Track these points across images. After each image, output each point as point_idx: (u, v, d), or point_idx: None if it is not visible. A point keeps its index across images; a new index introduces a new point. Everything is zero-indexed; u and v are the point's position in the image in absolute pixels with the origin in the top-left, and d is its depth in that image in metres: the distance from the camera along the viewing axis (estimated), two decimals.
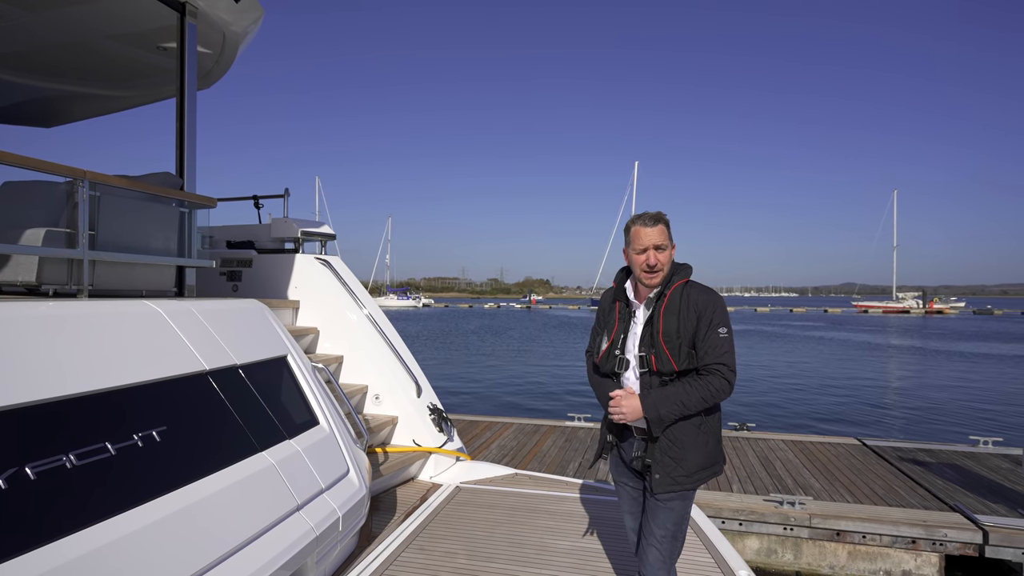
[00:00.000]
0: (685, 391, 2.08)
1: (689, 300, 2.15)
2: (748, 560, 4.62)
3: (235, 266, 4.97)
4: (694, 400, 2.08)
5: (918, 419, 11.50)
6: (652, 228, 2.19)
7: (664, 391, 2.10)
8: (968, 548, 4.31)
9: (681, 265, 2.27)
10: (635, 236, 2.21)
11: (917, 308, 68.72)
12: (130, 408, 2.05)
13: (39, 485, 1.65)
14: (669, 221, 2.26)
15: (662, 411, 2.08)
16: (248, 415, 2.53)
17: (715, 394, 2.08)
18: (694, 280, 2.25)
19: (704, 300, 2.15)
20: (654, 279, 2.19)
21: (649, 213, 2.23)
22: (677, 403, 2.08)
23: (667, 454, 2.14)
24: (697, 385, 2.09)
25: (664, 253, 2.19)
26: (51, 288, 2.69)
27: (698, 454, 2.15)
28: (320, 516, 2.52)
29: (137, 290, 3.15)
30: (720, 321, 2.12)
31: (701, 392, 2.08)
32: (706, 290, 2.21)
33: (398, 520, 3.55)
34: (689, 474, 2.13)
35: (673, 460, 2.13)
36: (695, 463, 2.14)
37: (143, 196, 3.20)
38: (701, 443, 2.15)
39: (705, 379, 2.08)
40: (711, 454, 2.19)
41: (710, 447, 2.18)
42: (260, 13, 3.88)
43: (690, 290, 2.18)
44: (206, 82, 4.48)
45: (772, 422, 10.75)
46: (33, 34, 3.88)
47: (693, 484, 2.15)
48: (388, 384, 4.60)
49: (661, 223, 2.21)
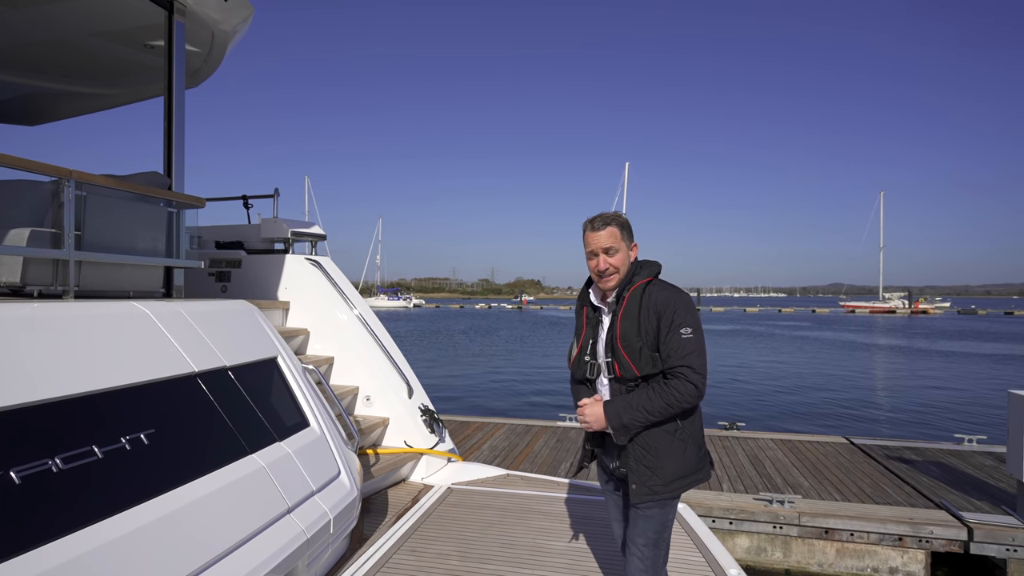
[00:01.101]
0: (648, 398, 1.97)
1: (649, 301, 2.05)
2: (738, 559, 4.65)
3: (224, 267, 4.93)
4: (658, 407, 1.96)
5: (904, 417, 11.65)
6: (600, 232, 2.10)
7: (627, 398, 2.01)
8: (953, 545, 4.36)
9: (645, 263, 2.16)
10: (585, 241, 2.13)
11: (903, 308, 69.62)
12: (117, 411, 2.02)
13: (24, 489, 1.62)
14: (626, 223, 2.15)
15: (625, 419, 1.99)
16: (238, 417, 2.51)
17: (680, 399, 1.96)
18: (661, 279, 2.14)
19: (664, 299, 2.03)
20: (607, 283, 2.12)
21: (601, 215, 2.14)
22: (640, 410, 1.97)
23: (642, 463, 2.04)
24: (661, 390, 1.97)
25: (616, 256, 2.10)
26: (36, 289, 2.65)
27: (675, 462, 2.03)
28: (311, 518, 2.51)
29: (124, 291, 3.11)
30: (683, 321, 1.99)
31: (664, 398, 1.96)
32: (668, 288, 2.09)
33: (390, 522, 3.53)
34: (666, 483, 2.03)
35: (648, 469, 2.03)
36: (672, 471, 2.03)
37: (130, 196, 3.16)
38: (678, 450, 2.04)
39: (669, 384, 1.97)
40: (690, 461, 2.07)
41: (689, 454, 2.06)
42: (250, 11, 3.85)
43: (652, 289, 2.07)
44: (194, 81, 4.44)
45: (761, 421, 10.84)
46: (16, 31, 3.82)
47: (672, 493, 2.04)
48: (379, 385, 4.58)
49: (611, 225, 2.11)
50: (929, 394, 14.32)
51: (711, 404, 12.51)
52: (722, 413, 11.07)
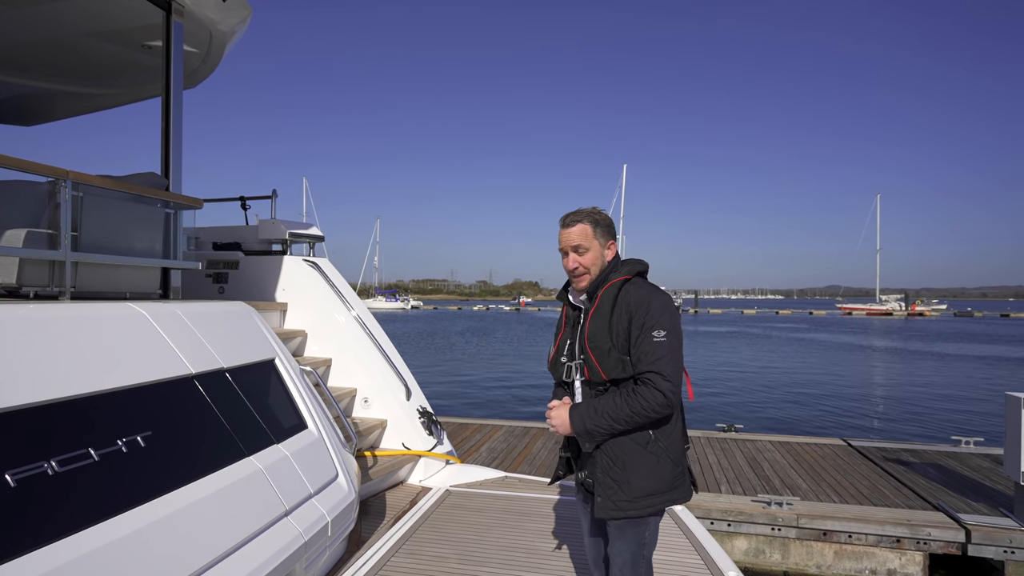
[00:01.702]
0: (615, 404, 1.83)
1: (623, 300, 1.90)
2: (736, 560, 4.65)
3: (221, 268, 4.91)
4: (623, 415, 1.81)
5: (902, 420, 11.67)
6: (570, 228, 1.99)
7: (594, 403, 1.88)
8: (951, 547, 4.37)
9: (628, 261, 2.03)
10: (558, 237, 2.02)
11: (900, 310, 69.84)
12: (114, 413, 2.01)
13: (19, 492, 1.61)
14: (602, 220, 2.01)
15: (588, 425, 1.86)
16: (235, 419, 2.49)
17: (646, 408, 1.79)
18: (641, 279, 1.99)
19: (638, 298, 1.88)
20: (580, 283, 2.01)
21: (575, 211, 2.02)
22: (605, 416, 1.83)
23: (608, 475, 1.89)
24: (627, 397, 1.82)
25: (587, 255, 1.98)
26: (32, 290, 2.64)
27: (644, 477, 1.86)
28: (309, 521, 2.49)
29: (121, 292, 3.10)
30: (656, 323, 1.83)
31: (631, 405, 1.80)
32: (645, 287, 1.94)
33: (388, 524, 3.52)
34: (632, 499, 1.86)
35: (614, 482, 1.87)
36: (640, 488, 1.86)
37: (127, 197, 3.15)
38: (648, 464, 1.86)
39: (636, 391, 1.81)
40: (663, 478, 1.88)
41: (662, 470, 1.88)
42: (248, 12, 3.84)
43: (629, 288, 1.93)
44: (192, 81, 4.43)
45: (759, 423, 10.84)
46: (14, 31, 3.80)
47: (639, 511, 1.86)
48: (377, 387, 4.57)
49: (583, 222, 1.99)
50: (926, 396, 14.35)
51: (709, 406, 12.52)
52: (720, 415, 11.07)
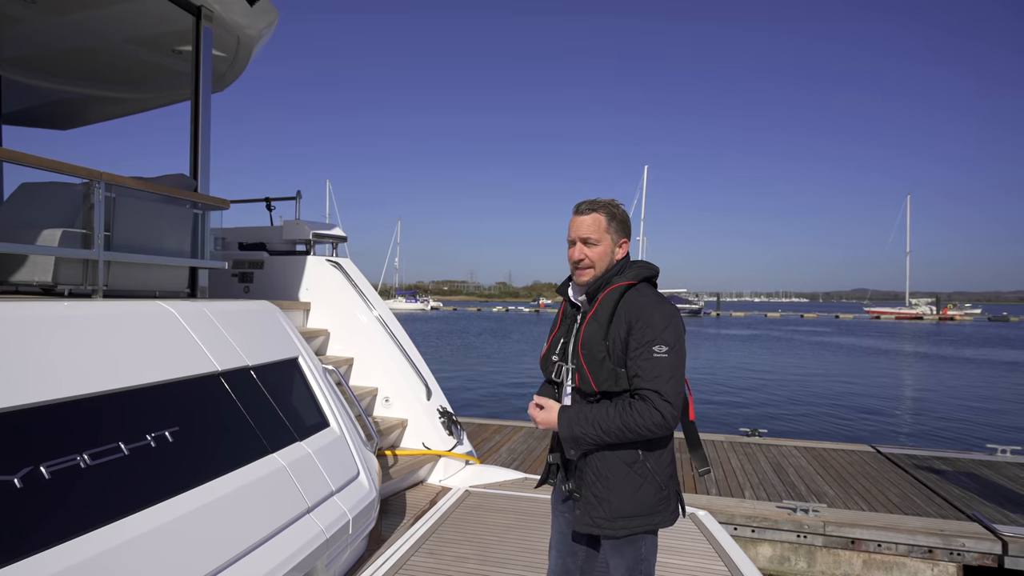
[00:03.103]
0: (606, 414, 1.71)
1: (624, 307, 1.76)
2: (761, 567, 4.56)
3: (247, 267, 5.00)
4: (614, 427, 1.69)
5: (933, 426, 11.33)
6: (583, 216, 1.85)
7: (585, 409, 1.76)
8: (987, 558, 4.22)
9: (637, 263, 1.87)
10: (569, 225, 1.88)
11: (930, 314, 67.90)
12: (143, 408, 2.05)
13: (53, 484, 1.65)
14: (619, 214, 1.87)
15: (576, 430, 1.74)
16: (259, 417, 2.53)
17: (640, 426, 1.66)
18: (648, 286, 1.85)
19: (640, 307, 1.73)
20: (581, 277, 1.86)
21: (592, 199, 1.88)
22: (594, 425, 1.71)
23: (590, 489, 1.79)
24: (621, 410, 1.69)
25: (596, 248, 1.83)
26: (66, 288, 2.72)
27: (624, 499, 1.75)
28: (331, 519, 2.51)
29: (150, 291, 3.17)
30: (658, 337, 1.68)
31: (624, 419, 1.68)
32: (650, 296, 1.78)
33: (407, 523, 3.53)
34: (611, 518, 1.76)
35: (595, 497, 1.78)
36: (620, 508, 1.76)
37: (158, 197, 3.22)
38: (631, 486, 1.75)
39: (632, 405, 1.69)
40: (644, 502, 1.76)
41: (644, 494, 1.76)
42: (275, 16, 3.91)
43: (632, 294, 1.78)
44: (220, 85, 4.52)
45: (784, 428, 10.63)
46: (51, 38, 3.93)
47: (615, 532, 1.76)
48: (398, 386, 4.60)
49: (597, 211, 1.84)
50: (958, 403, 13.91)
51: (732, 410, 12.33)
52: (743, 419, 10.89)
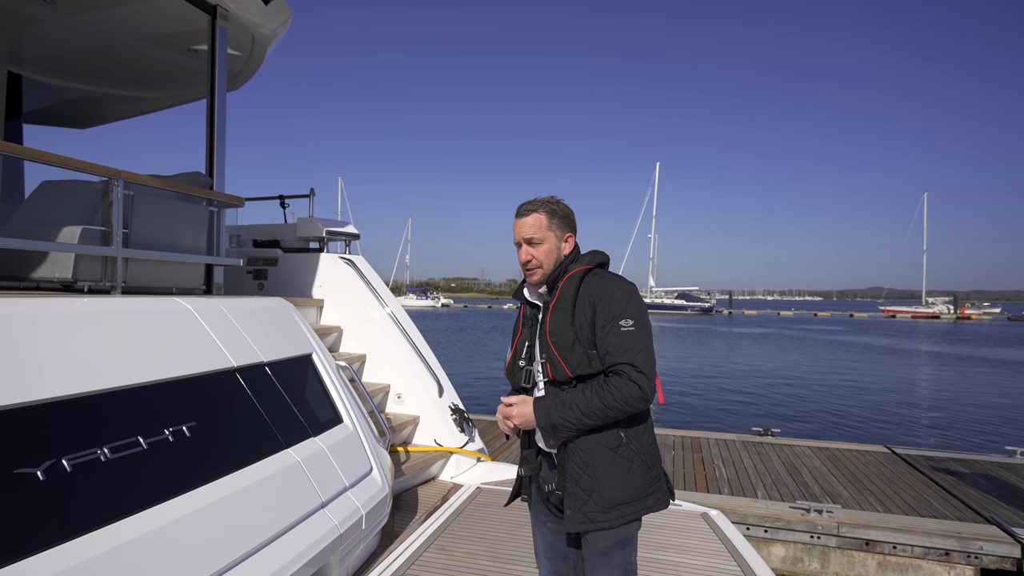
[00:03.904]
0: (584, 396, 1.69)
1: (586, 290, 1.77)
2: (774, 568, 4.53)
3: (261, 265, 5.04)
4: (595, 407, 1.67)
5: (950, 427, 11.17)
6: (524, 218, 1.84)
7: (561, 395, 1.73)
8: (1005, 562, 4.15)
9: (589, 253, 1.89)
10: (513, 229, 1.87)
11: (948, 313, 66.85)
12: (161, 403, 2.08)
13: (74, 477, 1.68)
14: (560, 210, 1.86)
15: (554, 418, 1.70)
16: (274, 412, 2.55)
17: (619, 401, 1.65)
18: (603, 270, 1.86)
19: (600, 287, 1.75)
20: (532, 277, 1.86)
21: (531, 200, 1.87)
22: (573, 408, 1.68)
23: (578, 484, 1.73)
24: (598, 389, 1.68)
25: (541, 247, 1.82)
26: (86, 285, 2.76)
27: (616, 485, 1.72)
28: (344, 514, 2.54)
29: (167, 287, 3.21)
30: (622, 312, 1.70)
31: (602, 397, 1.66)
32: (608, 277, 1.81)
33: (419, 520, 3.55)
34: (605, 509, 1.71)
35: (584, 492, 1.72)
36: (613, 496, 1.71)
37: (174, 195, 3.26)
38: (619, 470, 1.72)
39: (608, 382, 1.68)
40: (636, 485, 1.74)
41: (634, 476, 1.74)
42: (288, 15, 3.93)
43: (590, 278, 1.80)
44: (235, 83, 4.56)
45: (797, 428, 10.54)
46: (70, 38, 3.99)
47: (611, 523, 1.71)
48: (410, 383, 4.62)
49: (537, 212, 1.84)
50: (976, 403, 13.69)
51: (743, 410, 12.24)
52: (755, 419, 10.81)
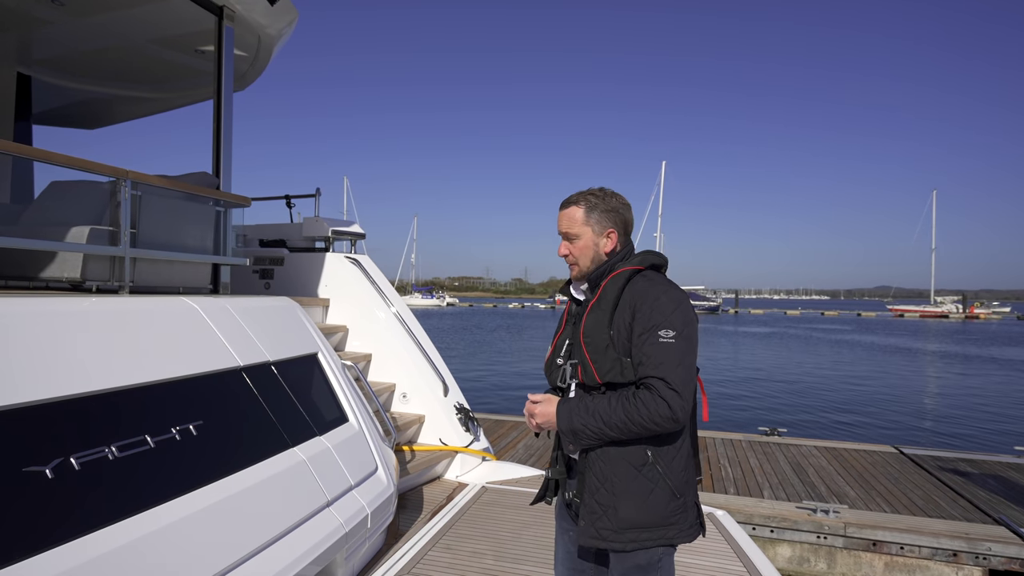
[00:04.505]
0: (608, 404, 1.56)
1: (628, 292, 1.63)
2: (780, 568, 4.51)
3: (268, 264, 5.07)
4: (617, 419, 1.54)
5: (958, 427, 11.08)
6: (564, 210, 1.76)
7: (586, 400, 1.62)
8: (1014, 563, 4.12)
9: (642, 252, 1.75)
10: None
11: (956, 313, 66.33)
12: (168, 402, 2.10)
13: (83, 476, 1.70)
14: (600, 204, 1.73)
15: (576, 422, 1.59)
16: (280, 411, 2.57)
17: (645, 417, 1.51)
18: (655, 272, 1.70)
19: (645, 290, 1.60)
20: (571, 272, 1.79)
21: (576, 192, 1.78)
22: (595, 416, 1.57)
23: (594, 496, 1.62)
24: (624, 399, 1.55)
25: (577, 243, 1.74)
26: (94, 284, 2.78)
27: (633, 506, 1.58)
28: (349, 512, 2.55)
29: (174, 287, 3.23)
30: (664, 320, 1.55)
31: (626, 410, 1.53)
32: (657, 280, 1.65)
33: (425, 519, 3.56)
34: (618, 530, 1.58)
35: (600, 506, 1.61)
36: (628, 517, 1.58)
37: (181, 195, 3.28)
38: (640, 492, 1.58)
39: (636, 394, 1.54)
40: (656, 511, 1.58)
41: (656, 501, 1.58)
42: (294, 16, 3.94)
43: (638, 279, 1.65)
44: (242, 84, 4.58)
45: (804, 427, 10.49)
46: (79, 39, 4.02)
47: (623, 545, 1.58)
48: (415, 383, 4.63)
49: (576, 204, 1.74)
50: (985, 403, 13.58)
51: (750, 409, 12.19)
52: (762, 418, 10.76)
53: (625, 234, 1.77)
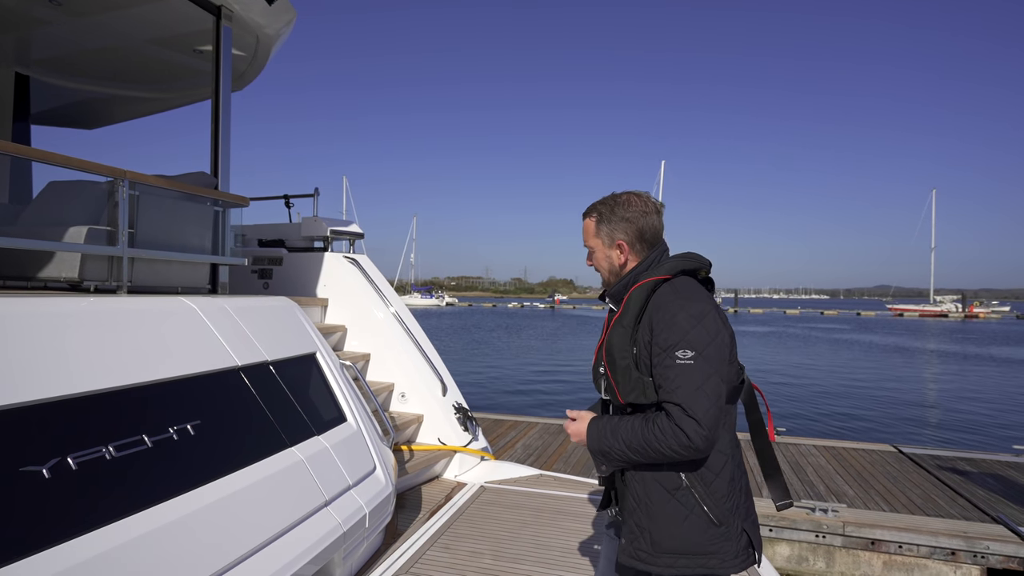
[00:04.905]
0: (632, 428, 1.50)
1: (650, 306, 1.54)
2: (779, 567, 4.52)
3: (266, 264, 5.07)
4: (638, 443, 1.48)
5: (957, 426, 11.09)
6: (583, 222, 1.72)
7: (616, 421, 1.56)
8: (1012, 561, 4.13)
9: (674, 257, 1.64)
10: None
11: (956, 312, 66.41)
12: (166, 402, 2.10)
13: (81, 475, 1.70)
14: (607, 211, 1.66)
15: (603, 444, 1.55)
16: (278, 411, 2.57)
17: (664, 445, 1.43)
18: (686, 278, 1.59)
19: (663, 305, 1.50)
20: (603, 283, 1.75)
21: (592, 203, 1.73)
22: (618, 438, 1.51)
23: (632, 517, 1.59)
24: (644, 423, 1.49)
25: (594, 256, 1.70)
26: (92, 284, 2.78)
27: (667, 531, 1.52)
28: (347, 512, 2.55)
29: (173, 287, 3.23)
30: (680, 339, 1.45)
31: (646, 436, 1.47)
32: (680, 291, 1.53)
33: (423, 518, 3.57)
34: (653, 553, 1.53)
35: (637, 527, 1.57)
36: (662, 542, 1.52)
37: (180, 195, 3.28)
38: (674, 516, 1.52)
39: (655, 419, 1.47)
40: (691, 538, 1.51)
41: (692, 527, 1.51)
42: (292, 15, 3.94)
43: (663, 290, 1.55)
44: (240, 84, 4.58)
45: (803, 427, 10.50)
46: (77, 39, 4.01)
47: (660, 569, 1.52)
48: (414, 382, 4.63)
49: (588, 216, 1.69)
50: (984, 402, 13.60)
51: None
52: None
53: (642, 242, 1.66)
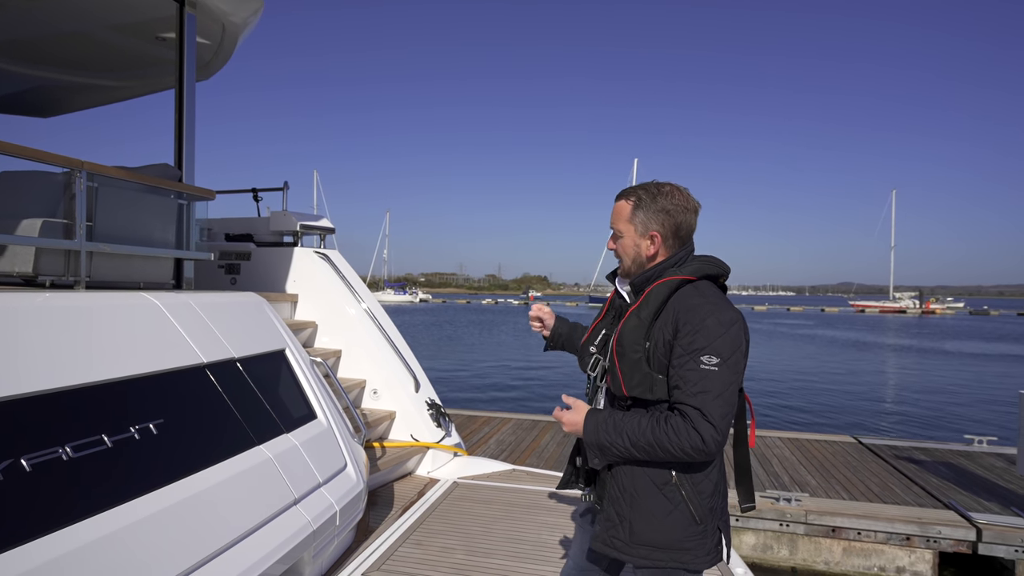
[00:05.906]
0: (638, 424, 1.48)
1: (673, 304, 1.51)
2: (744, 556, 4.64)
3: (233, 259, 4.95)
4: (645, 440, 1.46)
5: (914, 417, 11.56)
6: (615, 204, 1.68)
7: (617, 416, 1.53)
8: (962, 545, 4.33)
9: (699, 259, 1.61)
10: None
11: (914, 308, 69.09)
12: (127, 401, 2.04)
13: (35, 477, 1.64)
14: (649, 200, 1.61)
15: (602, 438, 1.51)
16: (245, 409, 2.52)
17: (676, 446, 1.42)
18: (709, 283, 1.57)
19: (692, 308, 1.47)
20: (621, 267, 1.71)
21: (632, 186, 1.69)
22: (623, 436, 1.49)
23: (613, 504, 1.57)
24: (655, 422, 1.46)
25: (620, 240, 1.66)
26: (48, 279, 2.68)
27: (649, 523, 1.51)
28: (317, 510, 2.52)
29: (135, 282, 3.14)
30: (708, 344, 1.43)
31: (656, 433, 1.45)
32: (709, 296, 1.51)
33: (395, 515, 3.55)
34: (629, 543, 1.52)
35: (616, 515, 1.55)
36: (642, 533, 1.51)
37: (141, 187, 3.18)
38: (658, 511, 1.51)
39: (670, 418, 1.45)
40: (673, 533, 1.50)
41: (675, 522, 1.50)
42: (259, 4, 3.85)
43: (687, 291, 1.53)
44: (205, 73, 4.45)
45: (768, 420, 10.79)
46: (32, 23, 3.84)
47: (637, 560, 1.52)
48: (386, 379, 4.60)
49: (625, 198, 1.65)
50: (939, 394, 14.20)
51: None
52: None
53: (676, 237, 1.62)
